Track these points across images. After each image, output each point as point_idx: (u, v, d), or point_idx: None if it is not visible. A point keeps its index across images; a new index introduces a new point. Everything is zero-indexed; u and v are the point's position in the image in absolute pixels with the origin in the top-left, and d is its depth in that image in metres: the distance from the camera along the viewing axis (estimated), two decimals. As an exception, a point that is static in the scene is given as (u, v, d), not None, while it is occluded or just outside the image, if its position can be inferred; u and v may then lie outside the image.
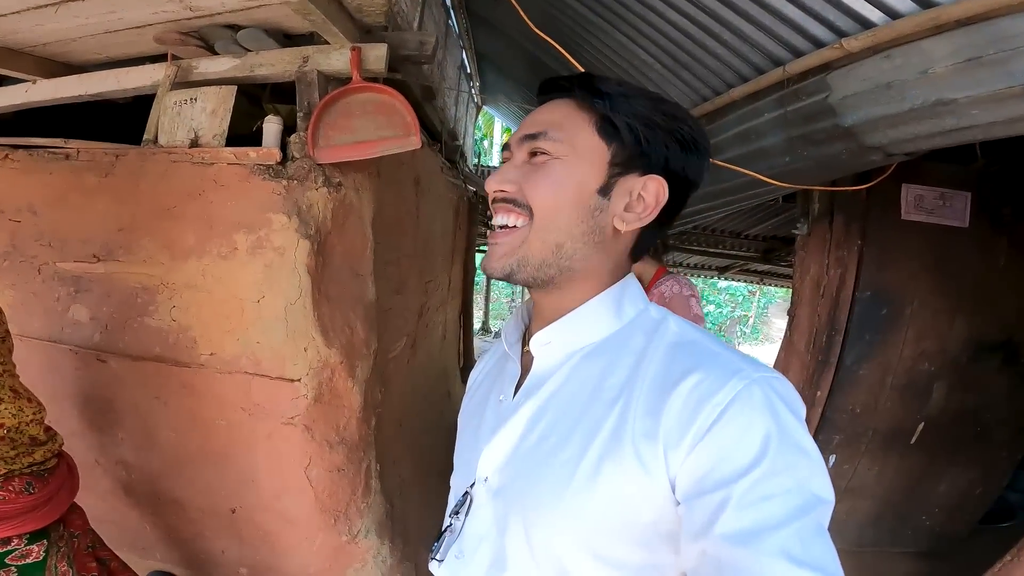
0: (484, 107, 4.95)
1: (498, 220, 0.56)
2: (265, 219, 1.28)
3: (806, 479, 0.43)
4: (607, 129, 0.53)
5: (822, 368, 2.05)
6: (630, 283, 0.59)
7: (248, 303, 1.32)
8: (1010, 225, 2.06)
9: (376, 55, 1.27)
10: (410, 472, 2.08)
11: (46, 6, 1.09)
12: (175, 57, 1.35)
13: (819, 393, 2.06)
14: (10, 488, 1.10)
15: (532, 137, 0.54)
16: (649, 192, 0.53)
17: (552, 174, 0.53)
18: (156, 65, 1.36)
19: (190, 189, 1.34)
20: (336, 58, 1.28)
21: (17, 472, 1.12)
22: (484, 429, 0.62)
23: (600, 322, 0.56)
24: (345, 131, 1.31)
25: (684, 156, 0.54)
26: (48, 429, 1.23)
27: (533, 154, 0.55)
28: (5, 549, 1.10)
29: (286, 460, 1.36)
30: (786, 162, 1.62)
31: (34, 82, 1.46)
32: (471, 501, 0.60)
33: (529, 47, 2.71)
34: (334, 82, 1.34)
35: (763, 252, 4.76)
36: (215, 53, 1.32)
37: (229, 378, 1.35)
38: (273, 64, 1.31)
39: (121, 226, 1.42)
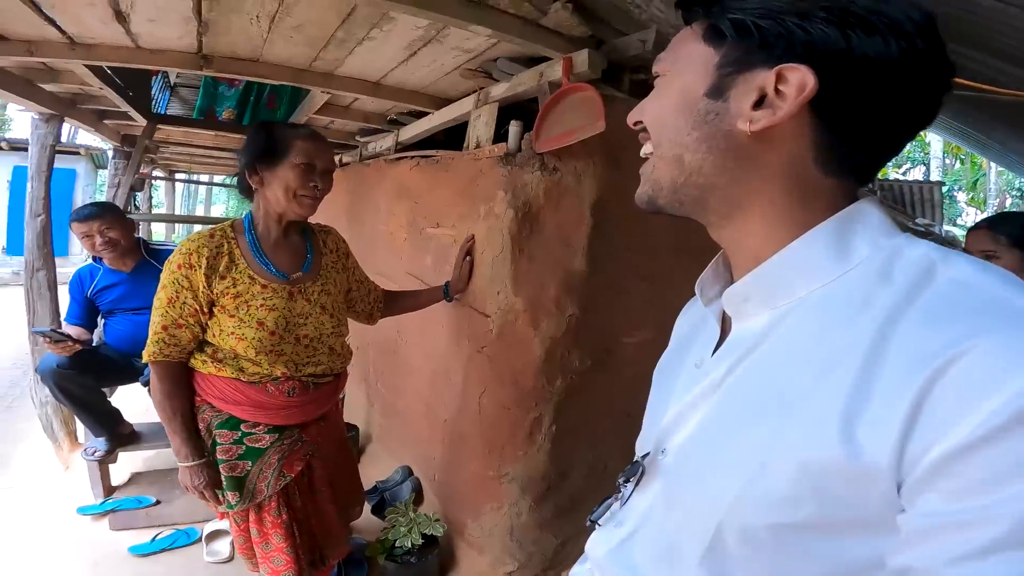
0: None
1: (642, 151, 0.56)
2: (494, 194, 1.75)
3: None
4: (713, 33, 0.48)
5: None
6: (861, 211, 0.47)
7: (477, 253, 1.83)
8: None
9: (580, 60, 1.55)
10: (617, 464, 2.16)
11: (400, 63, 1.90)
12: (481, 88, 1.99)
13: None
14: (280, 388, 1.38)
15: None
16: (789, 84, 0.44)
17: (658, 89, 0.53)
18: (475, 95, 2.04)
19: (471, 176, 1.94)
20: (558, 69, 1.62)
21: (298, 377, 1.40)
22: (675, 394, 0.57)
23: (813, 266, 0.46)
24: (558, 125, 1.63)
25: (845, 34, 0.42)
26: (346, 346, 1.55)
27: None
28: (251, 431, 1.39)
29: (473, 383, 1.80)
30: None
31: (432, 113, 2.39)
32: (643, 472, 0.56)
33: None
34: (562, 89, 1.68)
35: None
36: (496, 80, 1.88)
37: (460, 309, 1.91)
38: (524, 82, 1.76)
39: (446, 203, 2.17)
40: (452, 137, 2.63)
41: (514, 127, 1.75)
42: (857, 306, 0.41)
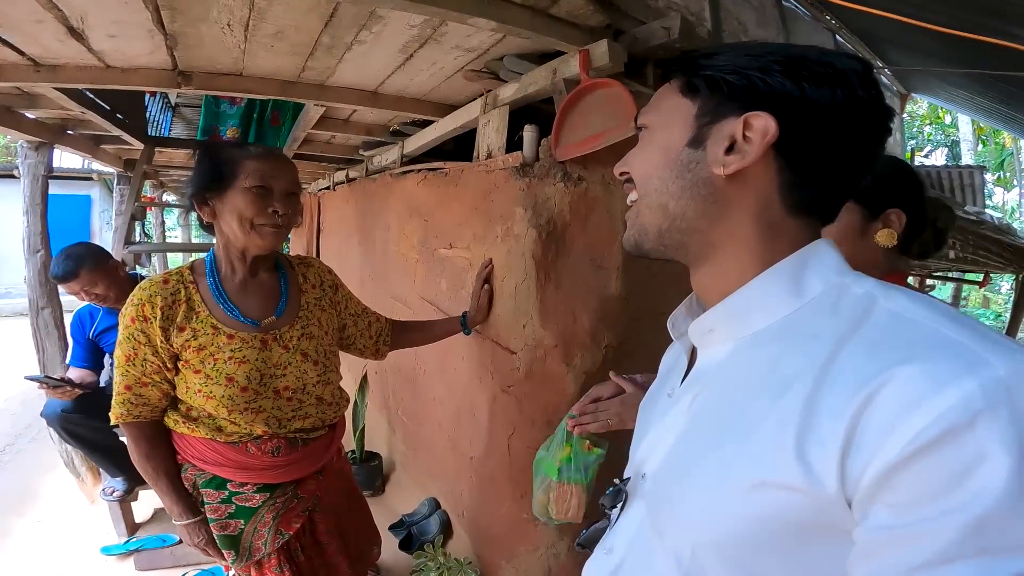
0: (913, 95, 3.76)
1: (628, 199, 0.60)
2: (512, 212, 1.52)
3: None
4: (690, 87, 0.53)
5: None
6: (817, 252, 0.51)
7: (497, 280, 1.60)
8: None
9: (600, 52, 1.31)
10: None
11: (396, 68, 1.68)
12: (488, 91, 1.76)
13: None
14: (262, 448, 1.24)
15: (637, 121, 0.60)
16: (755, 129, 0.48)
17: (643, 142, 0.57)
18: (479, 99, 1.81)
19: (484, 191, 1.72)
20: (573, 64, 1.39)
21: (282, 435, 1.25)
22: (652, 423, 0.61)
23: (771, 301, 0.50)
24: (581, 128, 1.40)
25: (799, 84, 0.47)
26: (338, 393, 1.38)
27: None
28: (238, 490, 1.25)
29: (500, 424, 1.57)
30: None
31: (437, 122, 2.17)
32: (626, 497, 0.60)
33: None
34: (581, 86, 1.44)
35: None
36: (504, 81, 1.65)
37: (483, 342, 1.68)
38: (536, 82, 1.53)
39: (459, 222, 1.95)
40: (461, 146, 2.41)
41: (529, 132, 1.51)
42: (808, 337, 0.45)
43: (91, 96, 2.41)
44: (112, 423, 1.20)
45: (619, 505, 0.60)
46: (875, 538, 0.36)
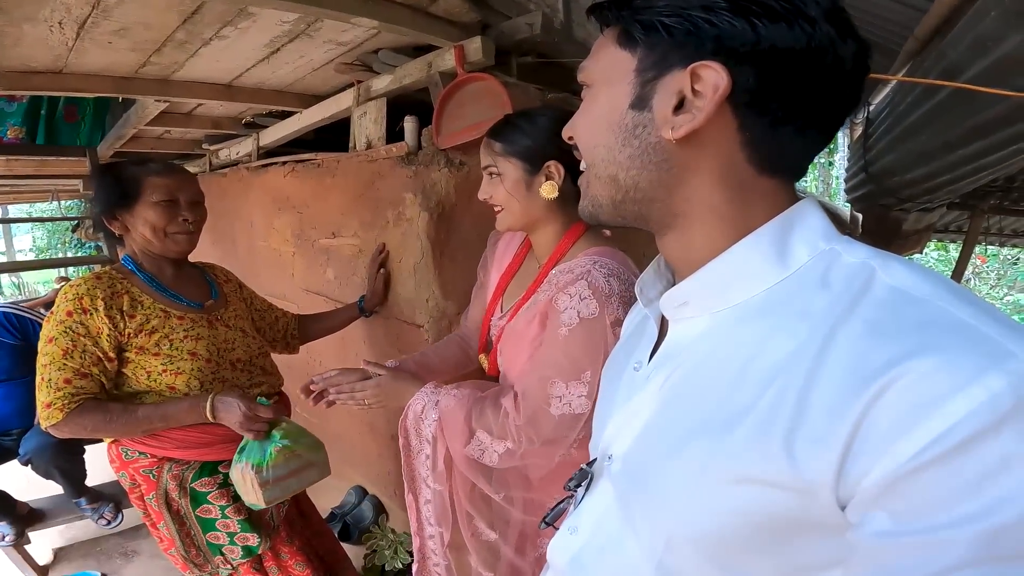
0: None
1: (580, 166, 0.54)
2: (402, 197, 1.62)
3: None
4: (626, 38, 0.46)
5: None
6: (802, 213, 0.45)
7: (394, 262, 1.70)
8: None
9: (474, 48, 1.45)
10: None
11: (258, 62, 1.65)
12: (359, 82, 1.81)
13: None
14: None
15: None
16: (705, 83, 0.42)
17: (585, 104, 0.51)
18: (351, 90, 1.85)
19: (367, 180, 1.78)
20: (448, 58, 1.51)
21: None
22: (617, 399, 0.57)
23: (753, 271, 0.45)
24: (459, 119, 1.54)
25: (751, 23, 0.40)
26: (274, 364, 1.50)
27: None
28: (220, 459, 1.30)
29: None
30: None
31: (300, 113, 2.14)
32: (591, 478, 0.57)
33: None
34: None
35: None
36: (377, 73, 1.71)
37: (386, 322, 1.78)
38: (411, 74, 1.62)
39: (342, 211, 1.98)
40: (324, 136, 2.39)
41: (410, 123, 1.61)
42: (796, 315, 0.41)
43: None
44: (53, 422, 1.12)
45: (584, 484, 0.57)
46: (878, 544, 0.33)
